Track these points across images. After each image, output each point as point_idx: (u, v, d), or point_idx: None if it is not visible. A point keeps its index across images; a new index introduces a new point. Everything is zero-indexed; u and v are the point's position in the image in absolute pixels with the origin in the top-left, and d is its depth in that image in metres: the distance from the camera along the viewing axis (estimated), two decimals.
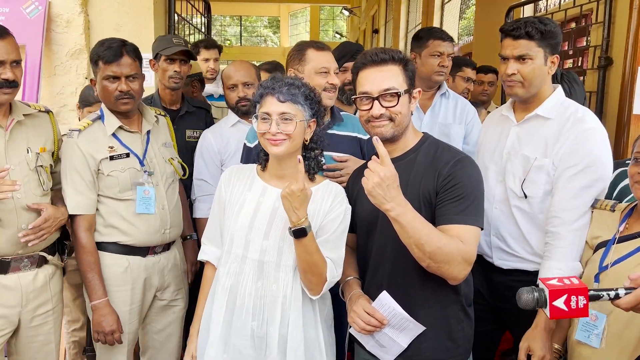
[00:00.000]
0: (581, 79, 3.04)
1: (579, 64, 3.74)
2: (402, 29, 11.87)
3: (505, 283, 2.04)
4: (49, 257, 2.08)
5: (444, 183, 1.63)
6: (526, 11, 4.44)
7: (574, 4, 3.63)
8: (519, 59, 1.91)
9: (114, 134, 2.15)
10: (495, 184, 2.06)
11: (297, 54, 2.15)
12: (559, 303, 1.27)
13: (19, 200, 1.94)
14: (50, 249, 2.10)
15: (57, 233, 2.12)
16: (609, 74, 3.26)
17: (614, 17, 3.21)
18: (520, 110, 2.05)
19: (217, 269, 1.81)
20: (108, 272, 2.14)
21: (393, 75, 1.68)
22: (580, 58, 3.75)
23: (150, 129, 2.26)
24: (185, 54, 2.78)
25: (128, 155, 2.16)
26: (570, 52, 3.81)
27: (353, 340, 1.84)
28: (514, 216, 2.00)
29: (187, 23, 4.10)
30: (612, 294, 1.30)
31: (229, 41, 27.85)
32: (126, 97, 2.11)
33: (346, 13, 19.82)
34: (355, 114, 2.38)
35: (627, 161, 2.11)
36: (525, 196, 1.95)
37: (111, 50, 2.08)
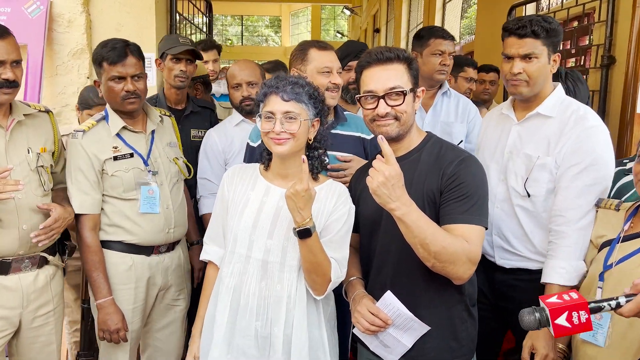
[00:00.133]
0: (584, 77, 3.04)
1: (582, 63, 3.72)
2: (404, 28, 11.84)
3: (507, 282, 2.04)
4: (50, 258, 2.08)
5: (448, 182, 1.62)
6: (528, 10, 4.43)
7: (576, 2, 3.62)
8: (525, 57, 1.90)
9: (118, 134, 2.16)
10: (497, 183, 2.05)
11: (300, 53, 2.14)
12: (561, 321, 1.26)
13: (19, 200, 1.94)
14: (51, 250, 2.10)
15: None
16: (612, 73, 3.25)
17: (616, 16, 3.21)
18: (521, 108, 2.04)
19: (220, 269, 1.80)
20: (112, 270, 2.15)
21: (398, 74, 1.67)
22: (583, 57, 3.74)
23: (155, 129, 2.27)
24: (192, 54, 2.80)
25: (132, 155, 2.16)
26: (573, 51, 3.79)
27: (356, 341, 1.83)
28: (517, 215, 1.99)
29: (189, 22, 4.09)
30: (613, 303, 1.28)
31: (230, 41, 27.82)
32: (133, 97, 2.12)
33: (347, 12, 19.73)
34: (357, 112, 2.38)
35: (625, 161, 2.11)
36: (528, 195, 1.95)
37: (115, 51, 2.08)
